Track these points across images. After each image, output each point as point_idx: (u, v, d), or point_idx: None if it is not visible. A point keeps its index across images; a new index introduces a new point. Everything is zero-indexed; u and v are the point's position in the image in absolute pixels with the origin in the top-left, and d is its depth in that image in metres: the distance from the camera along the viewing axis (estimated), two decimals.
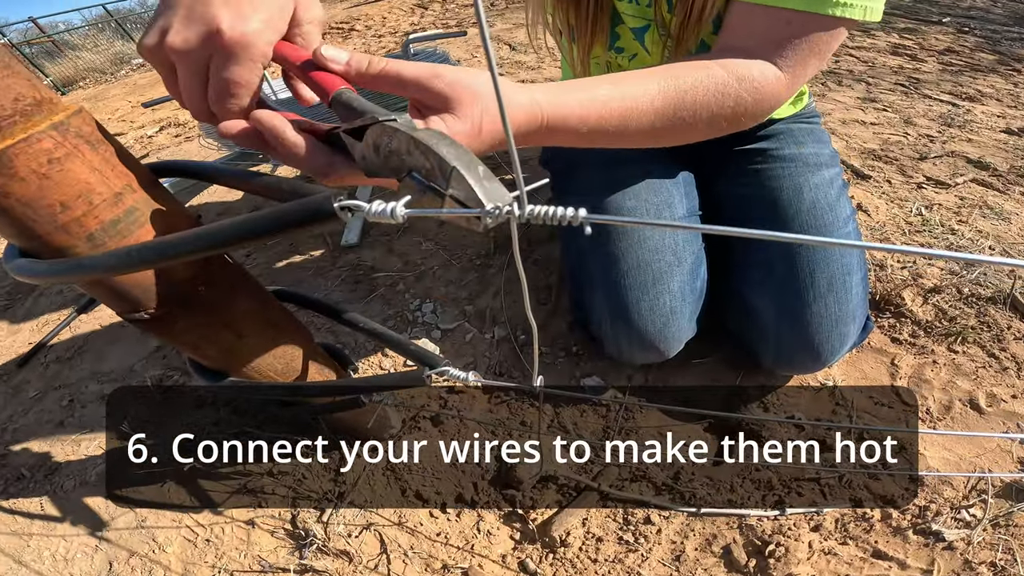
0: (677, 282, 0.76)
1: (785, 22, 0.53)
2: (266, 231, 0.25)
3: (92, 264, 0.28)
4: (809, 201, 0.76)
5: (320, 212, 0.23)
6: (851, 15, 0.52)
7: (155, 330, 0.37)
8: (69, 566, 0.84)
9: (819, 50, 0.55)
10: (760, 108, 0.56)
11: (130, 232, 0.33)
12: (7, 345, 1.44)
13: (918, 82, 2.22)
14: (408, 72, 0.36)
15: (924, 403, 0.82)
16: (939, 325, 0.92)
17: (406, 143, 0.26)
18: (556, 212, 0.20)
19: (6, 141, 0.29)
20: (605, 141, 0.51)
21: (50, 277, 0.29)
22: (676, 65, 0.53)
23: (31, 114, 0.30)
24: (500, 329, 1.06)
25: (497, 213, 0.21)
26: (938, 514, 0.68)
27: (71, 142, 0.31)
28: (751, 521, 0.70)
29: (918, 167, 1.47)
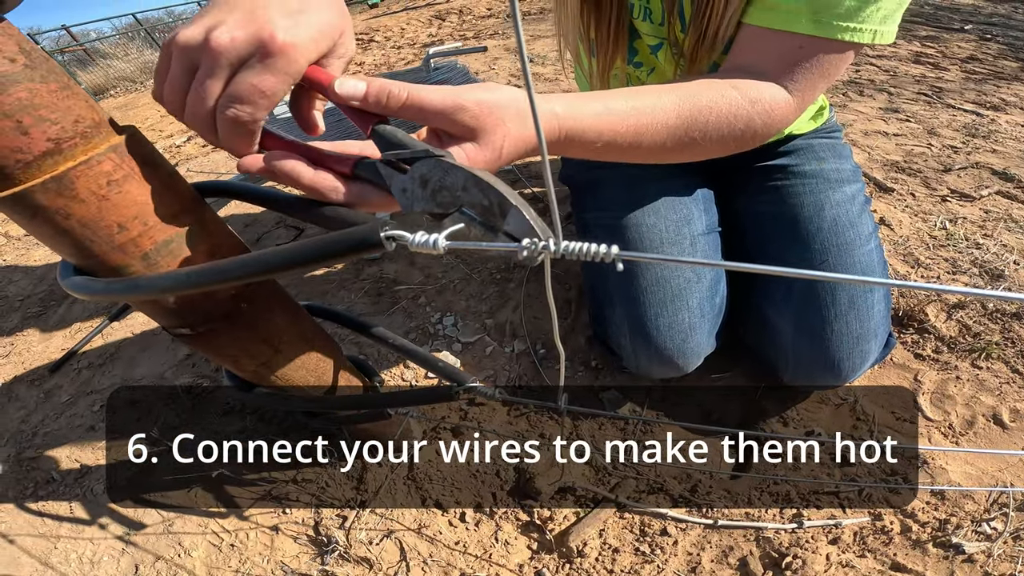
0: (696, 298, 0.77)
1: (796, 47, 0.54)
2: (315, 259, 0.26)
3: (149, 285, 0.30)
4: (830, 219, 0.76)
5: (366, 242, 0.24)
6: (860, 39, 0.53)
7: (199, 344, 0.39)
8: (95, 569, 0.85)
9: (828, 73, 0.56)
10: (768, 131, 0.56)
11: (181, 252, 0.35)
12: (40, 351, 1.49)
13: (941, 91, 2.19)
14: (431, 104, 0.36)
15: (947, 418, 0.81)
16: (963, 341, 0.91)
17: (463, 180, 0.27)
18: (589, 249, 0.21)
19: (68, 163, 0.30)
20: (617, 154, 0.52)
21: (108, 296, 0.31)
22: (692, 83, 0.54)
23: (90, 136, 0.31)
24: (519, 343, 1.07)
25: (533, 248, 0.22)
26: (959, 527, 0.68)
27: (128, 164, 0.32)
28: (768, 533, 0.70)
29: (942, 179, 1.45)
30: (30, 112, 0.28)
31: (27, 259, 2.15)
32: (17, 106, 0.28)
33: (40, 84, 0.29)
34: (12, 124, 0.28)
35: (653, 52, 0.76)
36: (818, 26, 0.52)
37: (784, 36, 0.54)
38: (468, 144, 0.37)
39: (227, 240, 0.37)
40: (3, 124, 0.27)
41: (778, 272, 0.20)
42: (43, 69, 0.29)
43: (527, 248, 0.22)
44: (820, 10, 0.52)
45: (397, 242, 0.24)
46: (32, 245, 2.31)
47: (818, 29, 0.52)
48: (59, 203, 0.30)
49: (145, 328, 1.42)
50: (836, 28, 0.52)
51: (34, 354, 1.49)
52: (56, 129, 0.29)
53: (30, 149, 0.29)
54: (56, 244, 0.32)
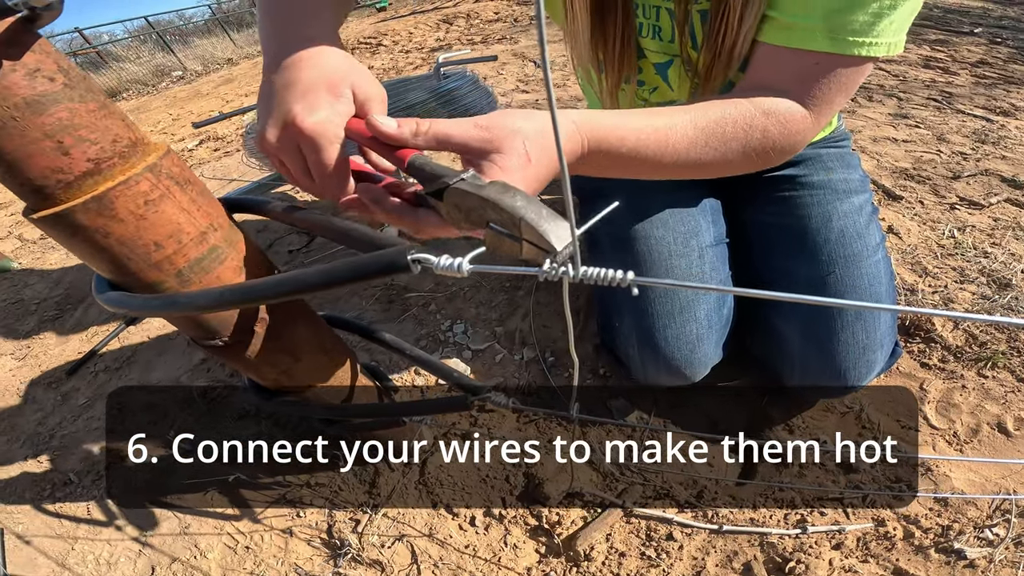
0: (704, 310, 0.78)
1: (812, 63, 0.55)
2: (346, 281, 0.28)
3: (188, 302, 0.31)
4: (838, 230, 0.77)
5: (395, 265, 0.26)
6: (876, 53, 0.53)
7: (226, 355, 0.40)
8: (112, 570, 0.87)
9: (846, 88, 0.56)
10: (788, 142, 0.57)
11: (212, 268, 0.36)
12: (56, 354, 1.51)
13: (951, 96, 2.17)
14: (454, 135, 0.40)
15: (951, 427, 0.82)
16: (969, 350, 0.92)
17: (477, 201, 0.30)
18: (607, 274, 0.23)
19: (107, 184, 0.31)
20: (638, 169, 0.53)
21: (145, 312, 0.32)
22: (704, 102, 0.56)
23: (128, 155, 0.32)
24: (529, 350, 1.08)
25: (552, 272, 0.24)
26: (961, 533, 0.68)
27: (164, 184, 0.33)
28: (772, 539, 0.71)
29: (951, 187, 1.45)
30: (70, 132, 0.29)
31: (43, 263, 2.19)
32: (58, 127, 0.29)
33: (79, 104, 0.30)
34: (53, 144, 0.29)
35: (660, 71, 0.77)
36: (834, 43, 0.53)
37: (800, 54, 0.55)
38: (495, 155, 0.40)
39: (254, 255, 0.39)
40: (44, 144, 0.28)
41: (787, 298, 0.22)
42: (82, 88, 0.30)
43: (547, 273, 0.24)
44: (836, 28, 0.52)
45: (423, 265, 0.25)
46: (48, 248, 2.34)
47: (834, 46, 0.53)
48: (99, 222, 0.31)
49: (161, 332, 1.44)
50: (852, 44, 0.53)
51: (51, 357, 1.51)
52: (96, 149, 0.30)
53: (71, 169, 0.30)
54: (94, 261, 0.33)
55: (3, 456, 1.16)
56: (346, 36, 8.31)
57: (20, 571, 0.90)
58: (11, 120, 0.27)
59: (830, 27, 0.52)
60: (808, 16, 0.53)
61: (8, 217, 3.15)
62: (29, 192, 0.30)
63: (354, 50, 6.45)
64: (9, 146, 0.28)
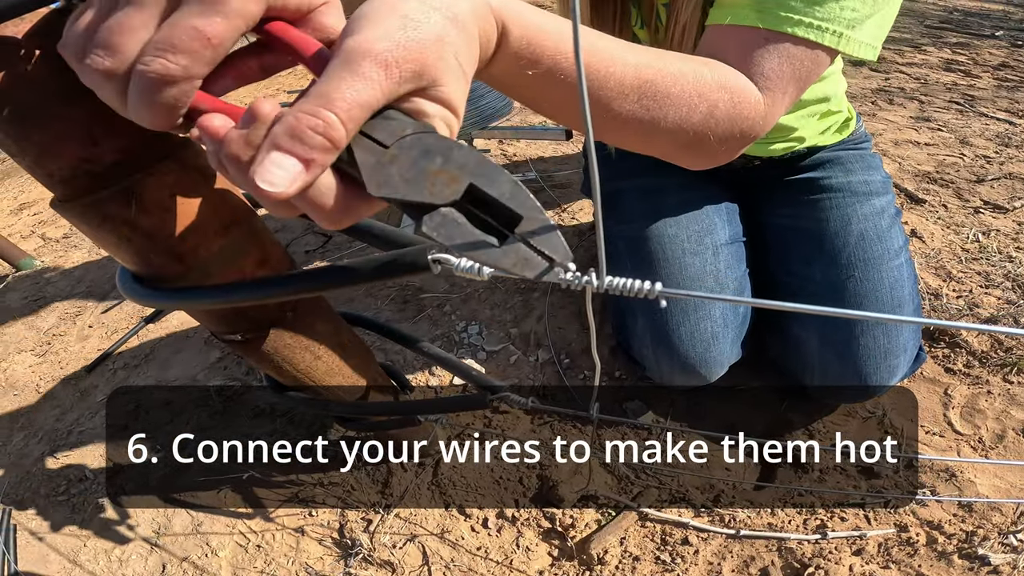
0: (719, 307, 0.77)
1: (762, 38, 0.49)
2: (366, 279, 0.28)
3: (210, 295, 0.32)
4: (857, 232, 0.76)
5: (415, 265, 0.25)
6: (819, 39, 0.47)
7: (246, 350, 0.41)
8: (123, 567, 0.87)
9: (798, 74, 0.49)
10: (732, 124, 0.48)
11: (235, 261, 0.36)
12: (76, 351, 1.53)
13: (973, 99, 2.14)
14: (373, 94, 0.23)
15: (976, 432, 0.80)
16: (994, 355, 0.90)
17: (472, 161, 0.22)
18: (633, 285, 0.22)
19: (134, 174, 0.31)
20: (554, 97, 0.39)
21: (167, 303, 0.32)
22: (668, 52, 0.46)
23: (155, 147, 0.32)
24: (544, 352, 1.08)
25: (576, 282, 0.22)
26: (985, 539, 0.67)
27: (189, 176, 0.33)
28: (791, 544, 0.70)
29: (975, 190, 1.42)
30: (100, 123, 0.29)
31: (65, 261, 2.23)
32: (88, 117, 0.29)
33: None
34: (84, 134, 0.29)
35: None
36: (762, 17, 0.48)
37: (737, 29, 0.49)
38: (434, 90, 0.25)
39: (274, 249, 0.39)
40: (75, 134, 0.29)
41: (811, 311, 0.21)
42: None
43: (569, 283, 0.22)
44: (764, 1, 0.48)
45: (443, 265, 0.25)
46: (70, 247, 2.39)
47: (762, 20, 0.48)
48: (125, 213, 0.31)
49: (179, 330, 1.45)
50: (783, 20, 0.47)
51: (71, 354, 1.53)
52: (125, 140, 0.31)
53: (100, 159, 0.30)
54: (119, 252, 0.33)
55: (21, 452, 1.18)
56: None
57: (32, 567, 0.90)
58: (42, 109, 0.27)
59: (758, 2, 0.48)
60: None
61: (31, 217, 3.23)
62: (57, 182, 0.30)
63: None
64: (39, 135, 0.28)
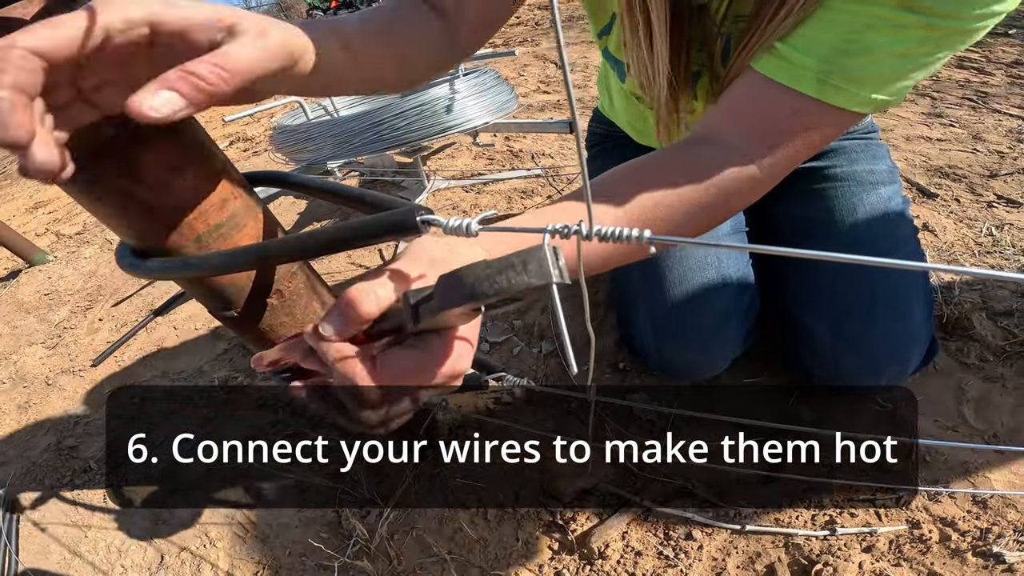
0: (721, 300, 0.76)
1: (791, 111, 0.46)
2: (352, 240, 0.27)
3: (200, 264, 0.32)
4: (864, 222, 0.74)
5: (403, 225, 0.25)
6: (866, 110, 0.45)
7: (240, 327, 0.41)
8: (122, 558, 0.88)
9: (813, 146, 0.48)
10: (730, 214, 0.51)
11: (230, 236, 0.36)
12: (86, 343, 1.56)
13: (986, 96, 2.11)
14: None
15: (990, 427, 0.78)
16: (1009, 349, 0.88)
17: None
18: (621, 232, 0.21)
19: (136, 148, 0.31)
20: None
21: (162, 274, 0.32)
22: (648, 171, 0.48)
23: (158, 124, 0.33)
24: (547, 344, 1.08)
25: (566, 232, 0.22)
26: (1000, 536, 0.65)
27: (190, 151, 0.34)
28: (798, 540, 0.68)
29: (988, 185, 1.40)
30: None
31: (77, 256, 2.27)
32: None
33: None
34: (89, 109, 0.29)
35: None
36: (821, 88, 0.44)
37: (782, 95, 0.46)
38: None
39: (271, 226, 0.39)
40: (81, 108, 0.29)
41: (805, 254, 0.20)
42: None
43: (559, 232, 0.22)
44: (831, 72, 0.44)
45: (432, 225, 0.25)
46: (82, 243, 2.43)
47: (820, 92, 0.45)
48: (126, 185, 0.31)
49: (186, 324, 1.47)
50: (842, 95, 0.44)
51: (80, 347, 1.56)
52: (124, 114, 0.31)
53: (100, 133, 0.30)
54: (118, 224, 0.34)
55: (27, 443, 1.19)
56: None
57: (33, 558, 0.91)
58: None
59: (825, 70, 0.44)
60: (807, 51, 0.45)
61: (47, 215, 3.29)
62: None
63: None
64: None
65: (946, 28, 0.40)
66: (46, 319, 1.79)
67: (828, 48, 0.44)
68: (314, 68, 0.35)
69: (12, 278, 2.22)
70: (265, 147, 3.11)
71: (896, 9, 0.41)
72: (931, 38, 0.41)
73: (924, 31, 0.41)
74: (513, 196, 1.75)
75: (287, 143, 1.39)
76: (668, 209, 0.46)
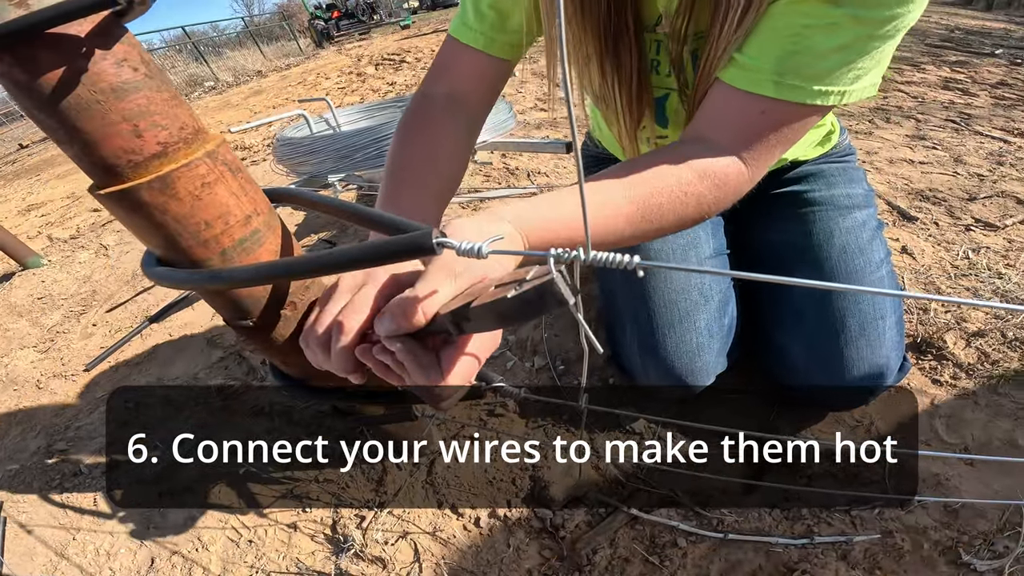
0: (704, 319, 0.79)
1: (759, 112, 0.52)
2: (373, 259, 0.30)
3: (229, 276, 0.34)
4: (839, 246, 0.78)
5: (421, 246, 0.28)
6: (827, 102, 0.50)
7: (256, 337, 0.43)
8: (110, 561, 0.87)
9: (788, 138, 0.54)
10: (723, 203, 0.55)
11: (252, 250, 0.39)
12: (79, 348, 1.56)
13: (969, 118, 2.18)
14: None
15: (962, 441, 0.82)
16: (981, 368, 0.92)
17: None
18: (615, 258, 0.25)
19: (171, 165, 0.34)
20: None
21: (190, 284, 0.35)
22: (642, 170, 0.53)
23: (191, 141, 0.35)
24: (539, 359, 1.11)
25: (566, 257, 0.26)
26: (970, 545, 0.68)
27: (219, 169, 0.36)
28: (778, 548, 0.71)
29: (967, 208, 1.45)
30: (145, 117, 0.32)
31: (71, 261, 2.26)
32: (136, 112, 0.32)
33: (156, 93, 0.33)
34: (130, 127, 0.32)
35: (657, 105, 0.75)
36: (778, 87, 0.50)
37: (750, 99, 0.52)
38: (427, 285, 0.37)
39: (287, 241, 0.42)
40: (122, 127, 0.32)
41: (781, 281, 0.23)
42: (159, 79, 0.34)
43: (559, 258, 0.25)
44: (785, 72, 0.50)
45: (446, 247, 0.28)
46: (77, 248, 2.42)
47: (781, 92, 0.50)
48: (160, 200, 0.34)
49: (183, 333, 1.48)
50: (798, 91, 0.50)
51: (73, 351, 1.55)
52: (165, 134, 0.34)
53: (142, 151, 0.33)
54: (148, 236, 0.36)
55: (16, 445, 1.19)
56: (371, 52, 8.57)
57: (18, 561, 0.91)
58: (96, 103, 0.30)
59: (779, 70, 0.50)
60: (759, 57, 0.51)
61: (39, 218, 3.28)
62: (100, 170, 0.33)
63: (378, 66, 6.64)
64: (89, 127, 0.31)
65: (872, 18, 0.46)
66: (38, 323, 1.79)
67: (778, 52, 0.49)
68: None
69: (5, 281, 2.20)
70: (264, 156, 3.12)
71: (823, 4, 0.46)
72: (862, 29, 0.46)
73: (853, 23, 0.46)
74: None
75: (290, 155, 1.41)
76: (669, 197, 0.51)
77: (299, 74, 8.36)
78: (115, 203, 0.33)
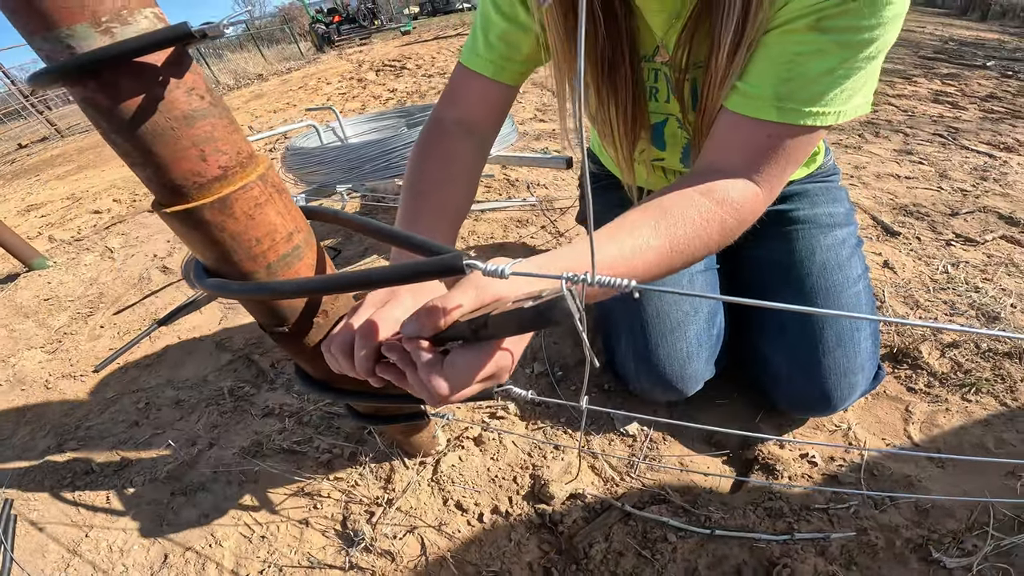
0: (694, 330, 0.85)
1: (765, 135, 0.56)
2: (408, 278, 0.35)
3: (278, 288, 0.39)
4: (820, 263, 0.83)
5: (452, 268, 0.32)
6: (826, 123, 0.54)
7: (289, 342, 0.48)
8: (123, 557, 0.88)
9: (796, 158, 0.57)
10: (742, 226, 0.58)
11: (293, 264, 0.43)
12: (87, 350, 1.56)
13: (957, 131, 2.21)
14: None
15: (934, 444, 0.86)
16: (954, 377, 0.97)
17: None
18: (617, 282, 0.30)
19: (230, 187, 0.37)
20: None
21: (242, 295, 0.39)
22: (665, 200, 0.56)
23: (246, 165, 0.39)
24: (539, 365, 1.15)
25: (576, 279, 0.31)
26: (940, 543, 0.72)
27: (269, 190, 0.40)
28: (761, 544, 0.75)
29: (949, 223, 1.50)
30: (210, 143, 0.36)
31: (77, 263, 2.27)
32: (202, 137, 0.35)
33: (218, 120, 0.37)
34: (197, 152, 0.35)
35: (655, 130, 0.81)
36: (780, 111, 0.54)
37: (755, 125, 0.56)
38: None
39: (322, 256, 0.47)
40: (191, 152, 0.35)
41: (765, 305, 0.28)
42: (221, 107, 0.37)
43: (570, 279, 0.30)
44: (783, 97, 0.53)
45: (474, 268, 0.32)
46: (82, 250, 2.43)
47: (781, 115, 0.54)
48: (219, 219, 0.38)
49: (192, 335, 1.50)
50: (798, 114, 0.53)
51: (81, 352, 1.56)
52: (225, 159, 0.37)
53: (205, 174, 0.37)
54: (204, 250, 0.40)
55: (26, 445, 1.19)
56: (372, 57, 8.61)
57: (28, 557, 0.91)
58: (170, 129, 0.34)
59: (778, 95, 0.53)
60: (760, 85, 0.55)
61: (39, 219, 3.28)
62: (168, 190, 0.37)
63: (379, 72, 6.68)
64: (163, 151, 0.34)
65: (855, 41, 0.50)
66: (45, 324, 1.79)
67: (775, 78, 0.54)
68: None
69: (9, 281, 2.20)
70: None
71: (809, 32, 0.51)
72: (847, 53, 0.51)
73: (838, 48, 0.51)
74: (509, 224, 1.81)
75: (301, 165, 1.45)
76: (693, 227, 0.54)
77: (300, 78, 8.33)
78: (179, 221, 0.38)
